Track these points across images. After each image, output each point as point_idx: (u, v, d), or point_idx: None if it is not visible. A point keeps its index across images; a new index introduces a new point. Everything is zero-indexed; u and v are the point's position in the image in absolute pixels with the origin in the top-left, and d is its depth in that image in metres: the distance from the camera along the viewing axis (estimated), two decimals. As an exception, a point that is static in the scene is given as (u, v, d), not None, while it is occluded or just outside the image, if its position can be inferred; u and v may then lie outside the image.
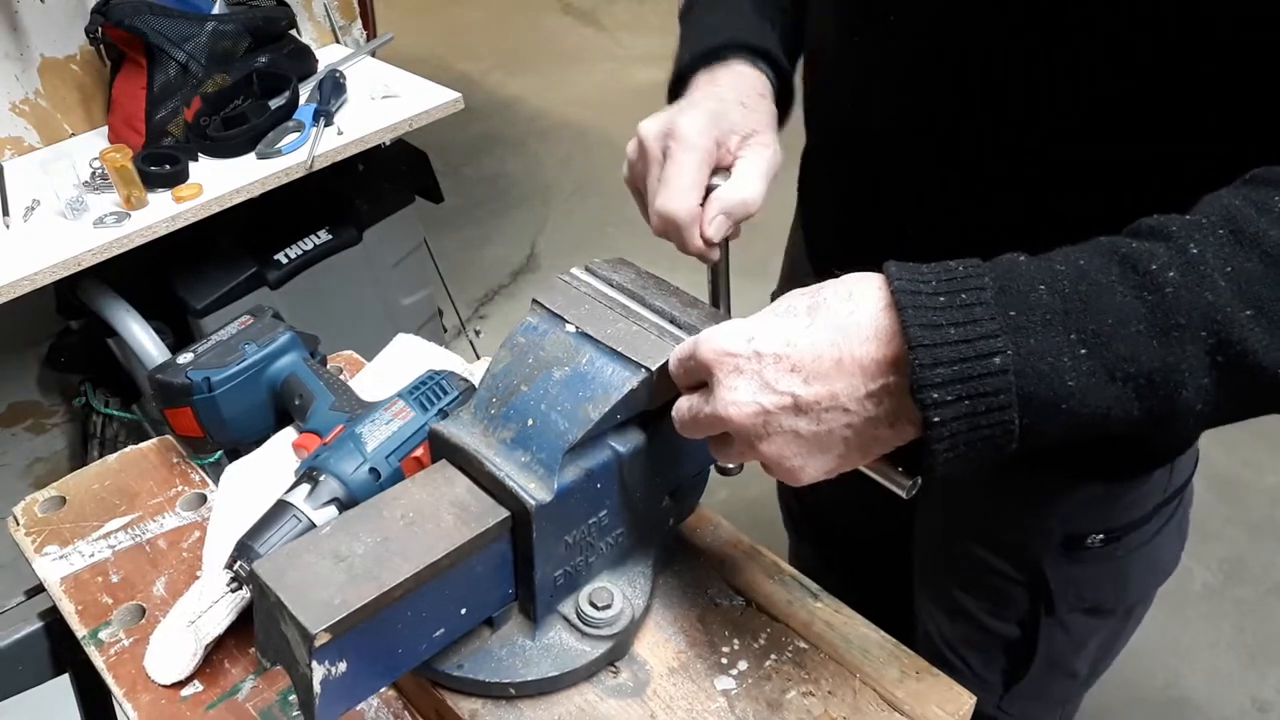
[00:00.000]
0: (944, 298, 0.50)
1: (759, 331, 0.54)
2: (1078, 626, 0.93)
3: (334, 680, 0.56)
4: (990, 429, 0.49)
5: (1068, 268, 0.50)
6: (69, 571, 0.83)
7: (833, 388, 0.52)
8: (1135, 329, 0.48)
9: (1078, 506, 0.86)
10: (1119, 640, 1.00)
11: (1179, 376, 0.48)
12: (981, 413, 0.49)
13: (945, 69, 0.69)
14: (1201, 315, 0.47)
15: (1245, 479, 2.25)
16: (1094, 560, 0.88)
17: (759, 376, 0.53)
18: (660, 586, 0.75)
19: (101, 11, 1.64)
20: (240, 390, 0.86)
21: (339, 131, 1.77)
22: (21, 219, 1.58)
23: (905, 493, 0.59)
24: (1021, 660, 0.96)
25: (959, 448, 0.50)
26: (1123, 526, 0.87)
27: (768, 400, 0.53)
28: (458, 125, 2.63)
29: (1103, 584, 0.91)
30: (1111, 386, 0.48)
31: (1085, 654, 0.97)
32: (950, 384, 0.49)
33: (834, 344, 0.52)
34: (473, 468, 0.64)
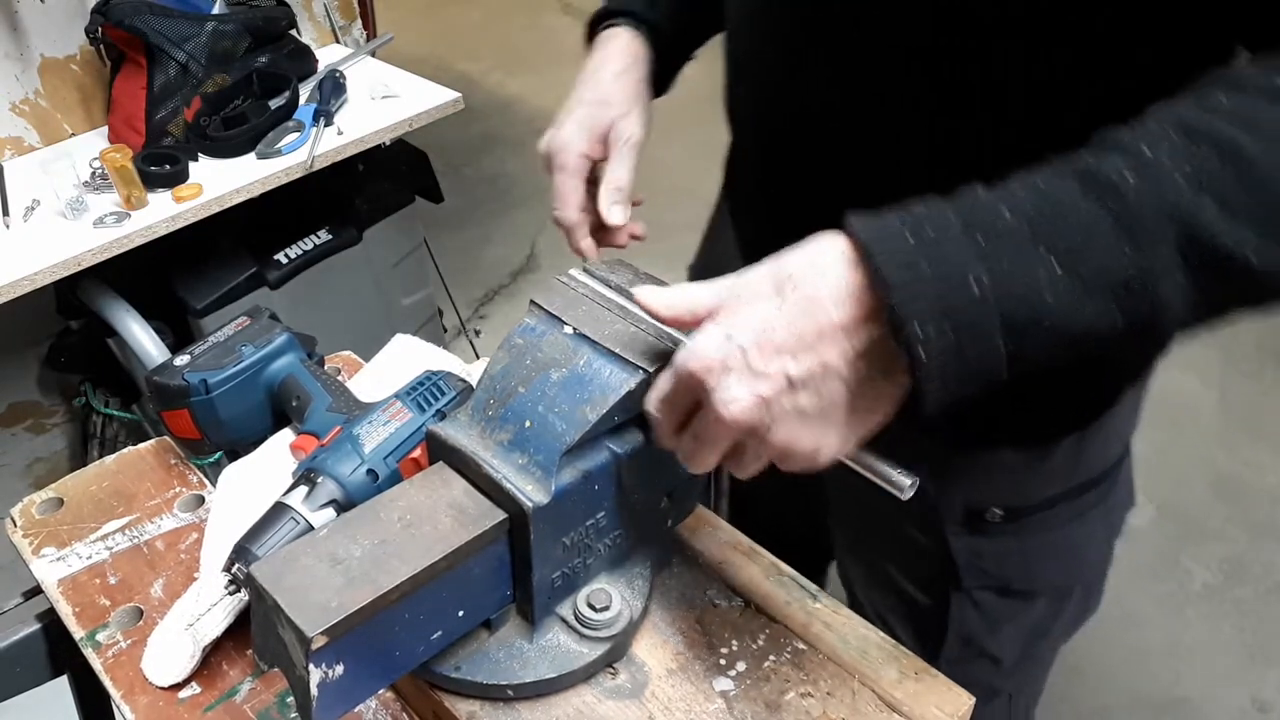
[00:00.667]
0: (911, 238, 0.50)
1: (733, 327, 0.53)
2: (989, 605, 0.93)
3: (331, 683, 0.55)
4: (979, 359, 0.49)
5: (1027, 191, 0.50)
6: (66, 573, 0.83)
7: (822, 357, 0.52)
8: (1104, 239, 0.48)
9: (980, 477, 0.87)
10: (1048, 634, 0.99)
11: (1154, 279, 0.48)
12: (968, 344, 0.49)
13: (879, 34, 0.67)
14: (1166, 215, 0.48)
15: (1245, 479, 2.25)
16: (995, 535, 0.88)
17: (748, 369, 0.52)
18: (658, 588, 0.75)
19: (101, 11, 1.64)
20: (237, 392, 0.86)
21: (339, 131, 1.77)
22: (21, 219, 1.58)
23: (904, 493, 0.59)
24: (935, 632, 0.96)
25: (950, 383, 0.50)
26: (1026, 507, 0.87)
27: (764, 388, 0.52)
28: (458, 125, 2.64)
29: (1006, 563, 0.91)
30: (1090, 299, 0.49)
31: (1003, 638, 0.96)
32: (932, 320, 0.48)
33: (810, 314, 0.52)
34: (470, 470, 0.64)
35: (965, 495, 0.87)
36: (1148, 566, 2.08)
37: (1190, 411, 2.42)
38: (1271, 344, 2.59)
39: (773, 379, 0.52)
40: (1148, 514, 2.18)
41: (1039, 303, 0.48)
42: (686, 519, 0.80)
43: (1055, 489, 0.88)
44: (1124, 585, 2.04)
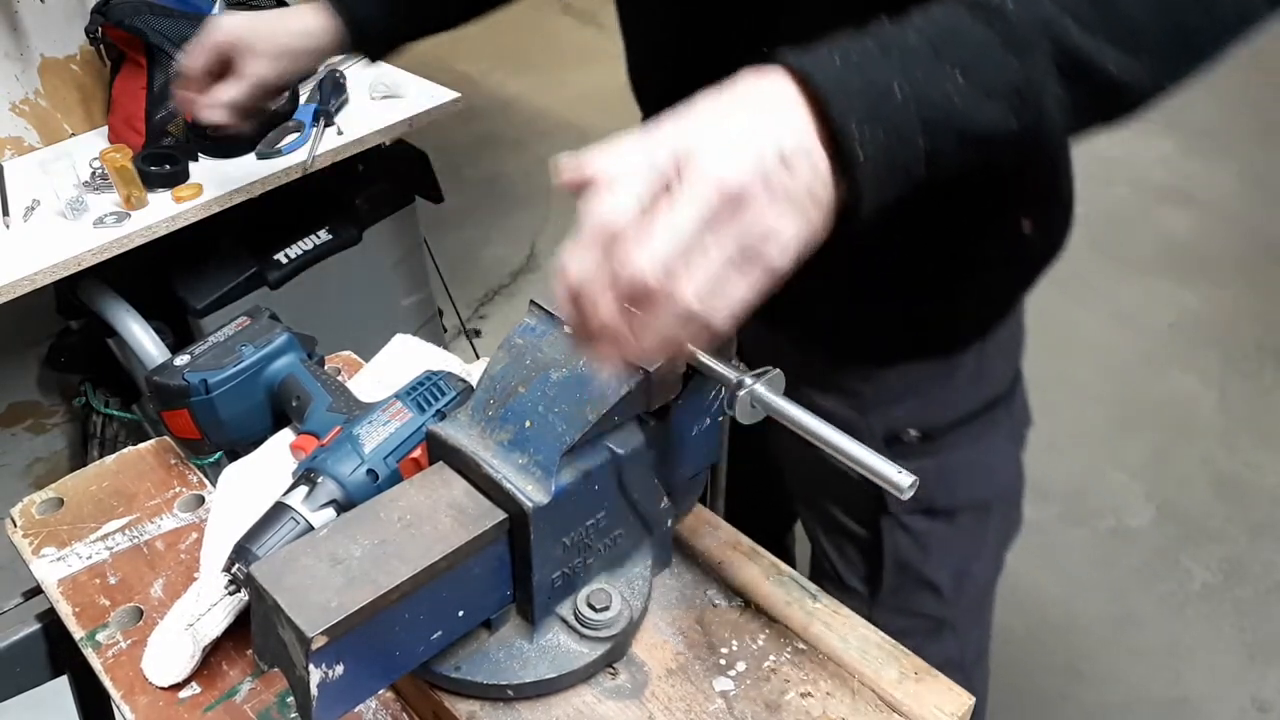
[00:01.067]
0: (839, 61, 0.56)
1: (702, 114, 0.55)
2: (918, 527, 1.00)
3: (331, 683, 0.55)
4: (904, 156, 0.56)
5: (925, 21, 0.57)
6: (66, 573, 0.83)
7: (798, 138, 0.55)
8: (994, 54, 0.56)
9: (894, 402, 0.94)
10: (978, 554, 1.07)
11: (1039, 87, 0.57)
12: (895, 142, 0.55)
13: None
14: (1040, 30, 0.56)
15: (1245, 479, 2.25)
16: (914, 456, 0.95)
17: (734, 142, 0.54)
18: (658, 588, 0.75)
19: (101, 11, 1.64)
20: (237, 392, 0.86)
21: (339, 131, 1.77)
22: (21, 219, 1.58)
23: (904, 492, 0.59)
24: (875, 563, 1.04)
25: (883, 180, 0.56)
26: (939, 426, 0.95)
27: (762, 157, 0.53)
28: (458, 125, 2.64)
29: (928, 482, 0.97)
30: (989, 103, 0.56)
31: (936, 562, 1.03)
32: (866, 122, 0.54)
33: (768, 103, 0.56)
34: (470, 470, 0.64)
35: (883, 421, 0.95)
36: (1148, 566, 2.08)
37: (1190, 411, 2.42)
38: (1271, 344, 2.59)
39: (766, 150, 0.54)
40: (1148, 514, 2.18)
41: (949, 106, 0.56)
42: (686, 519, 0.81)
43: (964, 408, 0.96)
44: (1124, 585, 2.04)
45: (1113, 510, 2.19)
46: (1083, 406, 2.42)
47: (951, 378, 0.94)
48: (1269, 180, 3.16)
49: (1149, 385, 2.50)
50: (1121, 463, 2.29)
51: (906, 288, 0.89)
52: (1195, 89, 0.69)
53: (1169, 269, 2.85)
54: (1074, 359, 2.54)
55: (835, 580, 1.09)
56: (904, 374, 0.94)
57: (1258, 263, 2.86)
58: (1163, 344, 2.61)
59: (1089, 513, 2.19)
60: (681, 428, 0.71)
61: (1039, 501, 2.21)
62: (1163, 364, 2.56)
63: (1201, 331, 2.64)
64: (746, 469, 1.16)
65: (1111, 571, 2.07)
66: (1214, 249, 2.92)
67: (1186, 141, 3.34)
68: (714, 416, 0.73)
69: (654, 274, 0.51)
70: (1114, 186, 3.18)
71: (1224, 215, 3.03)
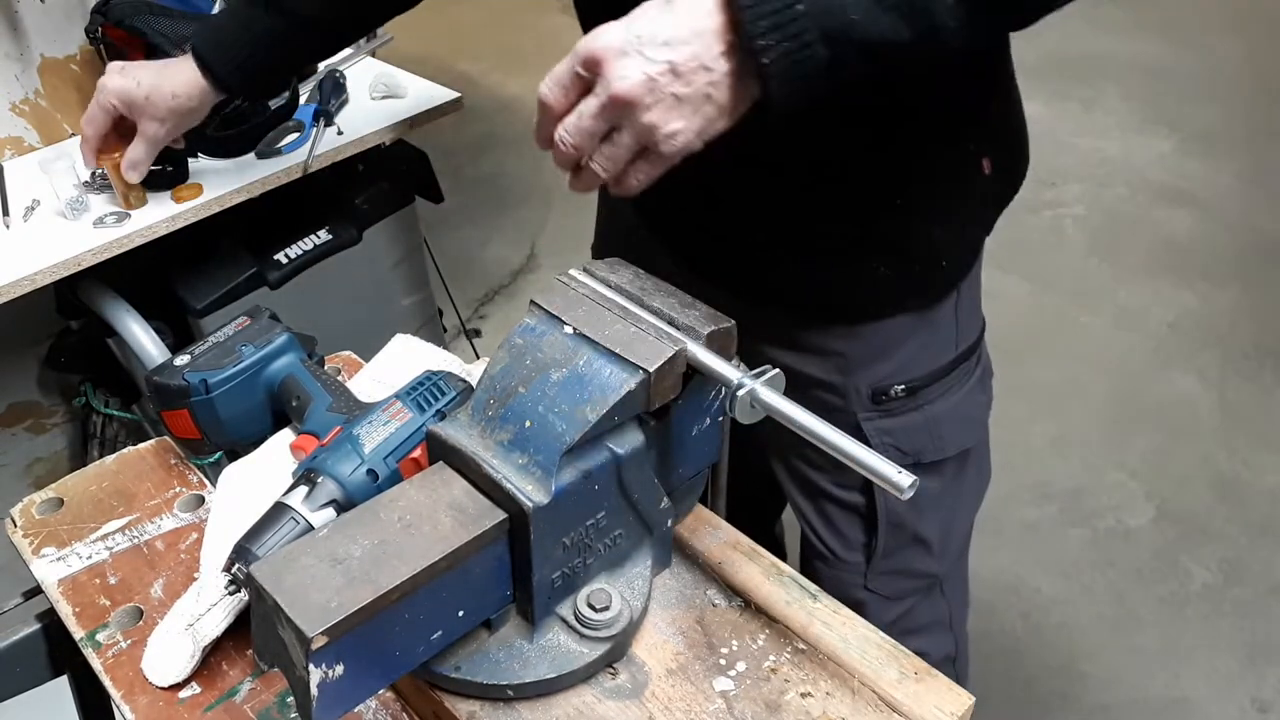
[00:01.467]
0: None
1: (633, 23, 0.66)
2: None
3: (331, 683, 0.55)
4: (805, 62, 0.64)
5: None
6: (66, 573, 0.83)
7: (695, 50, 0.65)
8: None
9: (879, 360, 0.98)
10: (960, 506, 1.12)
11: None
12: (796, 50, 0.63)
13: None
14: None
15: (1245, 479, 2.25)
16: (901, 412, 1.00)
17: (640, 54, 0.65)
18: (658, 587, 0.75)
19: (101, 11, 1.64)
20: (237, 392, 0.86)
21: (339, 131, 1.76)
22: (21, 219, 1.58)
23: (904, 493, 0.59)
24: (869, 527, 1.07)
25: (788, 81, 0.64)
26: (922, 378, 0.99)
27: (652, 69, 0.64)
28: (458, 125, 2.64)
29: (916, 435, 1.02)
30: (884, 15, 0.63)
31: (926, 516, 1.08)
32: (771, 32, 0.63)
33: (691, 19, 0.65)
34: (470, 470, 0.64)
35: (869, 379, 0.99)
36: (1148, 566, 2.08)
37: (1190, 411, 2.43)
38: (1271, 344, 2.59)
39: (660, 64, 0.65)
40: (1148, 514, 2.19)
41: (845, 18, 0.63)
42: (686, 519, 0.81)
43: (944, 359, 1.00)
44: (1124, 585, 2.04)
45: (1113, 510, 2.19)
46: (1083, 406, 2.43)
47: (934, 330, 0.99)
48: (1269, 180, 3.16)
49: (1149, 385, 2.50)
50: (1121, 463, 2.29)
51: (880, 239, 0.93)
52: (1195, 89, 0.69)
53: (1169, 269, 2.85)
54: (1074, 359, 2.54)
55: (829, 556, 1.11)
56: (885, 330, 0.97)
57: (1258, 263, 2.86)
58: (1163, 344, 2.61)
59: (1089, 513, 2.19)
60: (681, 428, 0.71)
61: (1039, 501, 2.21)
62: (1163, 364, 2.56)
63: (1201, 331, 2.64)
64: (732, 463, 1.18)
65: (1111, 571, 2.07)
66: (1214, 249, 2.92)
67: (1186, 141, 3.34)
68: (714, 416, 0.73)
69: (569, 141, 0.69)
70: (1114, 187, 3.19)
71: (1224, 215, 3.03)
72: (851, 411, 1.00)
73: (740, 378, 0.63)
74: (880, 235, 0.93)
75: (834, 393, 1.00)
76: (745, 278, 0.98)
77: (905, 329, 0.97)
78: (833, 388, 1.00)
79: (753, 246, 0.97)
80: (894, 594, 1.13)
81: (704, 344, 0.65)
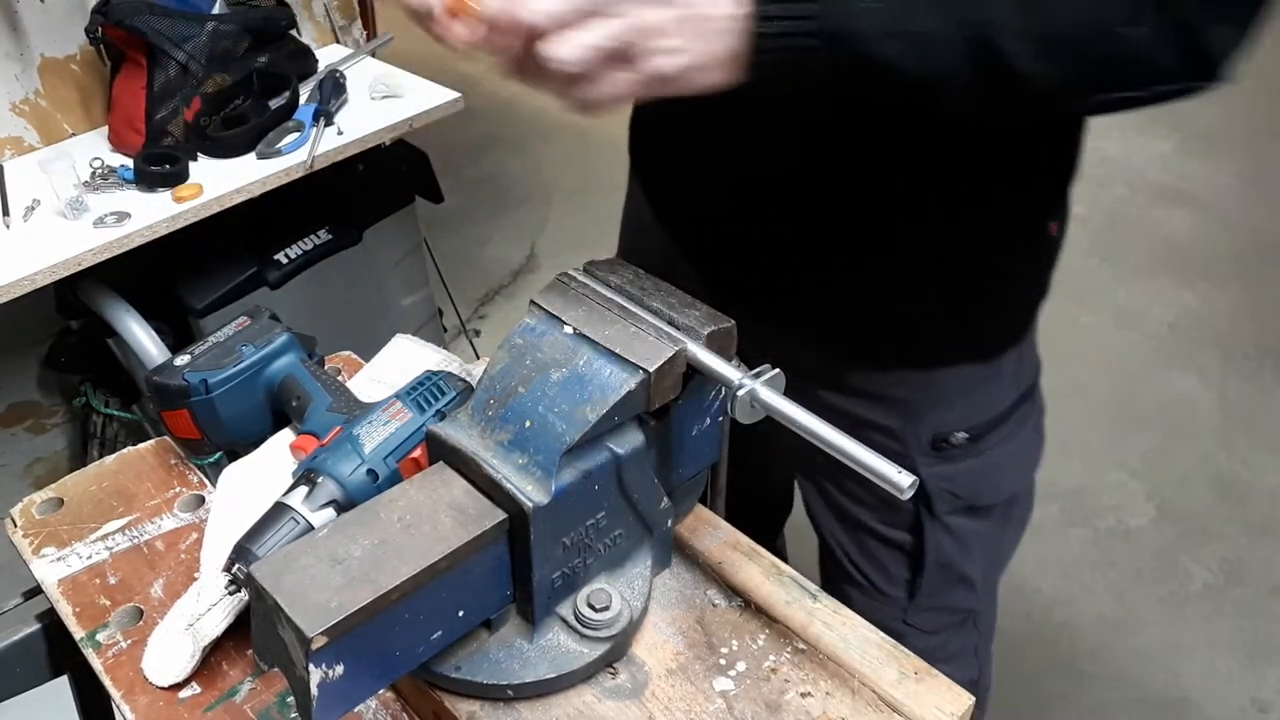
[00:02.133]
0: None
1: None
2: (959, 527, 1.01)
3: (331, 683, 0.55)
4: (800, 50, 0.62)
5: None
6: (66, 573, 0.83)
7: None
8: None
9: (943, 406, 0.95)
10: (1004, 544, 1.09)
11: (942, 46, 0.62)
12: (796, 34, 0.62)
13: None
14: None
15: (1245, 479, 2.25)
16: (961, 458, 0.97)
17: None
18: (658, 587, 0.75)
19: (101, 11, 1.64)
20: (237, 392, 0.86)
21: (339, 131, 1.76)
22: (21, 219, 1.58)
23: (904, 493, 0.59)
24: (915, 566, 1.04)
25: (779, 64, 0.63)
26: (983, 424, 0.96)
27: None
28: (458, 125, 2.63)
29: (973, 481, 0.99)
30: (889, 40, 0.62)
31: (973, 557, 1.04)
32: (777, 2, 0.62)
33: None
34: (470, 470, 0.64)
35: (932, 427, 0.95)
36: (1148, 566, 2.08)
37: (1190, 411, 2.42)
38: (1271, 344, 2.59)
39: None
40: (1148, 514, 2.18)
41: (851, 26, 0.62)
42: (686, 519, 0.81)
43: (1004, 403, 0.97)
44: (1124, 585, 2.04)
45: (1113, 510, 2.19)
46: (1083, 406, 2.42)
47: (997, 376, 0.96)
48: (1269, 180, 3.16)
49: (1149, 385, 2.50)
50: (1121, 463, 2.29)
51: (951, 290, 0.90)
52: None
53: (1169, 269, 2.84)
54: (1074, 359, 2.54)
55: (866, 586, 1.08)
56: (951, 376, 0.94)
57: (1258, 263, 2.86)
58: (1163, 344, 2.61)
59: (1089, 513, 2.19)
60: (681, 428, 0.71)
61: (1040, 501, 2.19)
62: (1163, 364, 2.56)
63: (1201, 331, 2.64)
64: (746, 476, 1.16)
65: (1111, 571, 2.07)
66: (1214, 249, 2.92)
67: (1186, 142, 3.34)
68: (714, 416, 0.73)
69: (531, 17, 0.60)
70: (1113, 187, 3.18)
71: (1224, 215, 3.03)
72: (909, 457, 0.96)
73: (740, 378, 0.63)
74: (951, 287, 0.90)
75: (892, 438, 0.96)
76: (809, 321, 0.94)
77: (971, 376, 0.95)
78: (891, 433, 0.96)
79: (822, 291, 0.92)
80: (932, 628, 1.10)
81: (704, 344, 0.65)
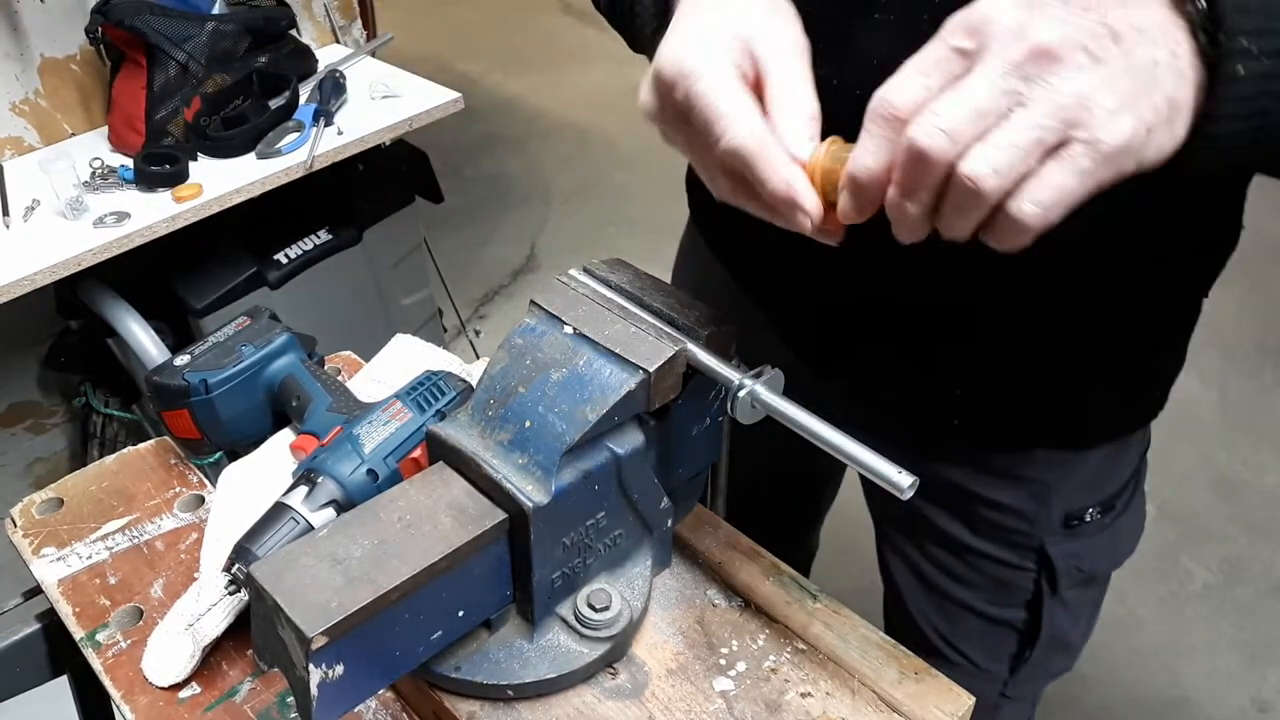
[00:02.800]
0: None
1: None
2: (1075, 599, 0.95)
3: (331, 683, 0.55)
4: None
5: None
6: (66, 573, 0.83)
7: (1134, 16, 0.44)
8: None
9: (1075, 483, 0.87)
10: (1101, 603, 1.03)
11: None
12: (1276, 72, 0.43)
13: None
14: None
15: (1245, 479, 2.25)
16: (1091, 533, 0.90)
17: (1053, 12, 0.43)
18: (658, 588, 0.75)
19: (101, 11, 1.64)
20: (237, 392, 0.86)
21: (339, 131, 1.77)
22: (21, 219, 1.58)
23: (904, 493, 0.59)
24: (1027, 642, 0.97)
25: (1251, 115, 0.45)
26: (1112, 495, 0.90)
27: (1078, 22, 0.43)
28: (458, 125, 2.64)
29: (1099, 553, 0.94)
30: None
31: (1081, 625, 0.99)
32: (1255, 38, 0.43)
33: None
34: (470, 470, 0.64)
35: (1065, 504, 0.88)
36: (1148, 566, 2.08)
37: (1190, 411, 2.42)
38: (1271, 344, 2.59)
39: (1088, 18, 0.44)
40: (1148, 514, 2.18)
41: None
42: (686, 519, 0.81)
43: (1131, 469, 0.91)
44: (1124, 585, 2.04)
45: (1113, 510, 2.19)
46: (1083, 406, 2.42)
47: (1130, 447, 0.89)
48: (1269, 180, 3.15)
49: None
50: (1121, 463, 2.29)
51: (1105, 367, 0.82)
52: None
53: (1169, 269, 2.84)
54: (1074, 359, 2.54)
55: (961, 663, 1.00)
56: (1096, 455, 0.87)
57: (1258, 263, 2.86)
58: (1163, 344, 2.61)
59: (1089, 513, 2.19)
60: (681, 428, 0.71)
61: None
62: (1163, 364, 2.55)
63: (1202, 331, 2.63)
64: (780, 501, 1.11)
65: (1111, 571, 2.07)
66: (1214, 249, 2.92)
67: (1186, 141, 3.34)
68: (714, 416, 0.73)
69: (935, 141, 0.43)
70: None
71: (1224, 215, 3.03)
72: (1037, 535, 0.89)
73: (740, 378, 0.63)
74: (1106, 363, 0.81)
75: (1021, 518, 0.89)
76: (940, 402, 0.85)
77: (1110, 452, 0.87)
78: (1020, 514, 0.89)
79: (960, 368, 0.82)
80: (1028, 696, 1.05)
81: (704, 344, 0.65)
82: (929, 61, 0.45)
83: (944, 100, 0.44)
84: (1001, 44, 0.43)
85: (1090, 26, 0.43)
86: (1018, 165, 0.43)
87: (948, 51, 0.45)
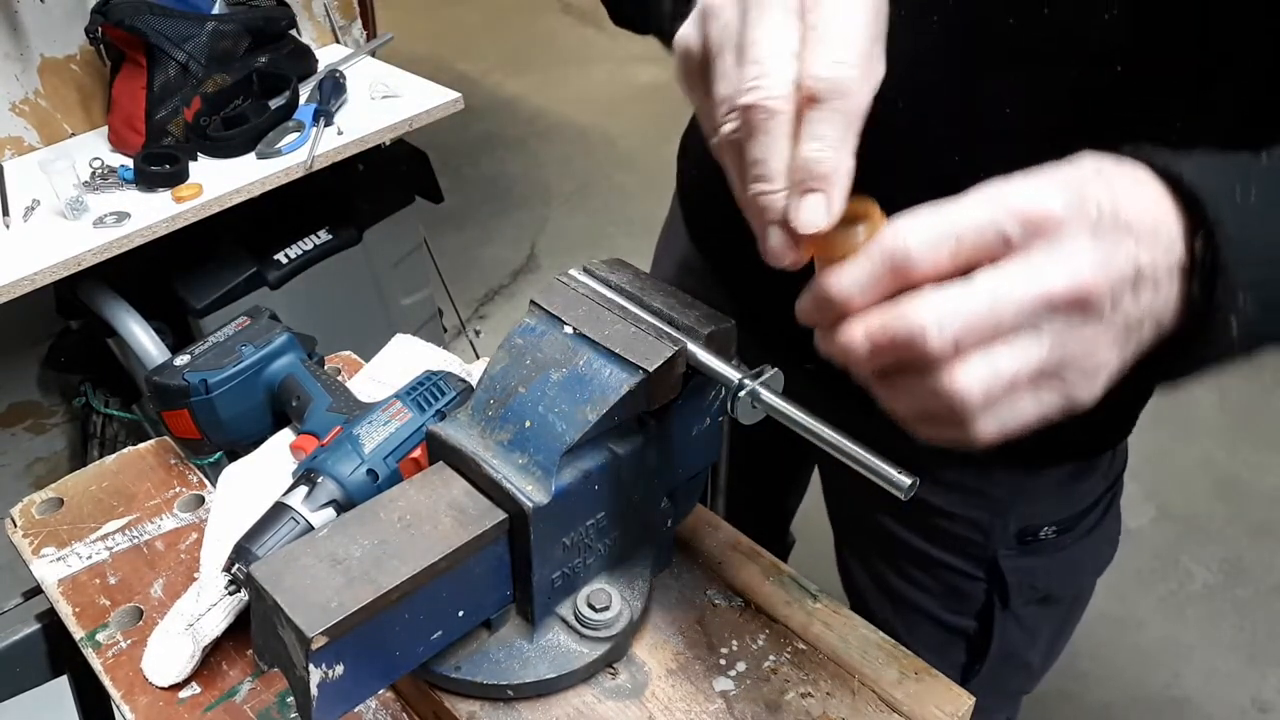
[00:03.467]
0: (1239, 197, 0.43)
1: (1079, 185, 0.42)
2: (1030, 617, 0.95)
3: (331, 683, 0.55)
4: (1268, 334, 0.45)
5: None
6: (66, 573, 0.83)
7: (1157, 255, 0.42)
8: None
9: (1032, 500, 0.88)
10: (1067, 629, 1.02)
11: None
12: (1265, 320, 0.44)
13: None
14: None
15: (1245, 479, 2.25)
16: (1047, 551, 0.90)
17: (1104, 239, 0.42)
18: (658, 588, 0.75)
19: (101, 11, 1.64)
20: (237, 392, 0.86)
21: (339, 131, 1.77)
22: (21, 219, 1.58)
23: (904, 493, 0.59)
24: (977, 653, 0.98)
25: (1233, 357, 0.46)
26: (1072, 517, 0.89)
27: (1119, 266, 0.41)
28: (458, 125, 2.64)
29: (1054, 574, 0.93)
30: None
31: (1038, 645, 0.99)
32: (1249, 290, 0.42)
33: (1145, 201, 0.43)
34: (470, 470, 0.64)
35: (1019, 520, 0.88)
36: (1148, 566, 2.08)
37: (1190, 411, 2.42)
38: (1271, 344, 2.59)
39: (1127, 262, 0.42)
40: (1148, 514, 2.18)
41: None
42: (686, 519, 0.81)
43: (1096, 493, 0.90)
44: (1124, 585, 2.04)
45: (1113, 510, 2.19)
46: (1083, 406, 2.42)
47: (1094, 470, 0.89)
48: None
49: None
50: (1121, 463, 2.29)
51: None
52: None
53: (1169, 269, 2.84)
54: (1074, 359, 2.54)
55: None
56: (1056, 473, 0.87)
57: (1258, 263, 2.86)
58: (1163, 344, 2.61)
59: (1089, 513, 2.19)
60: (681, 428, 0.71)
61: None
62: (1163, 364, 2.55)
63: (1201, 331, 2.64)
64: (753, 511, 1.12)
65: (1111, 571, 2.06)
66: (1214, 249, 2.92)
67: (1186, 141, 3.34)
68: (714, 416, 0.73)
69: (938, 336, 0.41)
70: (1114, 186, 3.18)
71: (1224, 215, 3.03)
72: (990, 547, 0.90)
73: (740, 378, 0.63)
74: None
75: (975, 529, 0.89)
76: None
77: (1070, 472, 0.87)
78: (975, 524, 0.89)
79: None
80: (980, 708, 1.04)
81: (704, 344, 0.65)
82: (969, 227, 0.42)
83: (967, 299, 0.41)
84: (1052, 267, 0.41)
85: (1125, 270, 0.42)
86: (1005, 393, 0.43)
87: (994, 232, 0.42)
